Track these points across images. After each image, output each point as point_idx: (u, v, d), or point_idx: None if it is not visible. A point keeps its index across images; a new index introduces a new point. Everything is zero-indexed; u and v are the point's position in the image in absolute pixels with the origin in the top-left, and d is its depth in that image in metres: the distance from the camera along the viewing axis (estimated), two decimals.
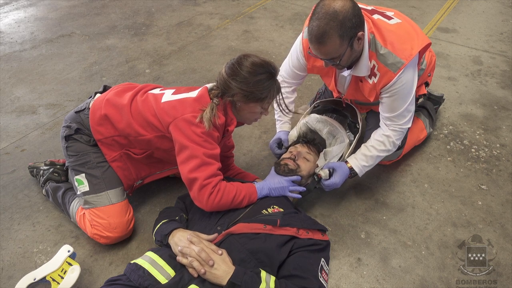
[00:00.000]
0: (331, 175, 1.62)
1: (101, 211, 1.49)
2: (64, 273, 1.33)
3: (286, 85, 1.82)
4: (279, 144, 1.83)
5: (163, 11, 3.74)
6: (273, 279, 1.19)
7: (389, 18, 1.48)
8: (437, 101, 2.19)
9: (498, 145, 2.11)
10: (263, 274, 1.19)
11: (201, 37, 3.25)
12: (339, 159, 1.70)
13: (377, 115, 1.69)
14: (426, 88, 1.88)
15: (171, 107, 1.37)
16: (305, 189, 1.60)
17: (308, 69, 1.70)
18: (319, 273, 1.28)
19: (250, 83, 1.34)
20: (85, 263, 1.50)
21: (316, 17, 1.29)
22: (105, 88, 1.62)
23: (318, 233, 1.39)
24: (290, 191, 1.53)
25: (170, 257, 1.24)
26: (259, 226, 1.29)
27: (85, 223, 1.53)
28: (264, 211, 1.40)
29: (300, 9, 3.75)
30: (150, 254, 1.24)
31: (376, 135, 1.64)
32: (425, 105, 2.11)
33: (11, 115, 2.34)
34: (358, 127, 1.78)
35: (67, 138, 1.52)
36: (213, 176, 1.36)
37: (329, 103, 1.92)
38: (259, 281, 1.15)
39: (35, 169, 1.82)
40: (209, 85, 1.46)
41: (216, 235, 1.30)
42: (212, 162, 1.36)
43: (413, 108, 1.58)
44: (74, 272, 1.33)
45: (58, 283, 1.31)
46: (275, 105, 1.51)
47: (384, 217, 1.71)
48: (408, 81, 1.46)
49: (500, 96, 2.51)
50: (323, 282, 1.28)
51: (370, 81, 1.50)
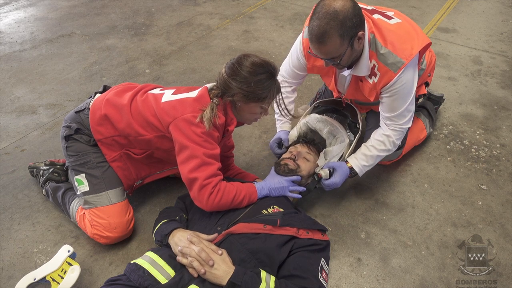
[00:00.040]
0: (331, 174, 1.62)
1: (101, 211, 1.49)
2: (64, 273, 1.32)
3: (286, 85, 1.82)
4: (279, 143, 1.83)
5: (163, 11, 3.74)
6: (273, 279, 1.19)
7: (389, 18, 1.48)
8: (437, 101, 2.19)
9: (498, 145, 2.11)
10: (263, 274, 1.19)
11: (201, 37, 3.25)
12: (339, 159, 1.70)
13: (377, 115, 1.69)
14: (426, 88, 1.88)
15: (171, 107, 1.37)
16: (305, 189, 1.60)
17: (308, 68, 1.70)
18: (319, 273, 1.28)
19: (250, 83, 1.34)
20: (85, 263, 1.50)
21: (316, 17, 1.29)
22: (105, 88, 1.62)
23: (318, 233, 1.39)
24: (290, 191, 1.53)
25: (170, 257, 1.24)
26: (259, 226, 1.29)
27: (85, 223, 1.53)
28: (264, 211, 1.40)
29: (300, 9, 3.75)
30: (150, 254, 1.24)
31: (376, 135, 1.64)
32: (425, 105, 2.11)
33: (11, 115, 2.34)
34: (358, 127, 1.78)
35: (67, 138, 1.52)
36: (213, 176, 1.36)
37: (330, 103, 1.92)
38: (259, 281, 1.15)
39: (35, 169, 1.82)
40: (209, 85, 1.46)
41: (216, 235, 1.30)
42: (212, 162, 1.36)
43: (413, 107, 1.58)
44: (74, 272, 1.33)
45: (58, 283, 1.31)
46: (275, 105, 1.51)
47: (384, 217, 1.71)
48: (408, 80, 1.46)
49: (500, 96, 2.51)
50: (323, 282, 1.28)
51: (370, 81, 1.50)
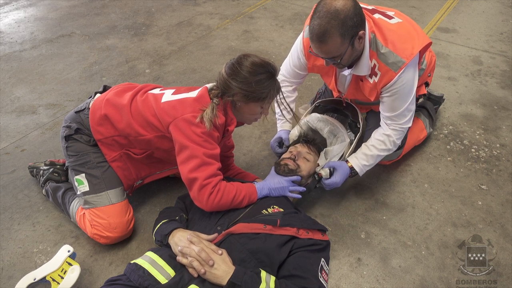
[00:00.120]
0: (331, 174, 1.62)
1: (101, 211, 1.49)
2: (64, 273, 1.32)
3: (287, 84, 1.82)
4: (280, 143, 1.83)
5: (163, 11, 3.74)
6: (273, 279, 1.19)
7: (389, 17, 1.48)
8: (437, 101, 2.19)
9: (498, 145, 2.11)
10: (263, 274, 1.19)
11: (201, 37, 3.25)
12: (340, 158, 1.70)
13: (377, 115, 1.69)
14: (426, 88, 1.88)
15: (171, 107, 1.37)
16: (305, 189, 1.60)
17: (308, 68, 1.70)
18: (319, 273, 1.28)
19: (250, 83, 1.34)
20: (85, 263, 1.50)
21: (317, 16, 1.29)
22: (105, 88, 1.62)
23: (318, 233, 1.38)
24: (290, 191, 1.53)
25: (170, 257, 1.23)
26: (259, 226, 1.29)
27: (85, 223, 1.53)
28: (264, 211, 1.40)
29: (300, 9, 3.75)
30: (150, 254, 1.24)
31: (376, 135, 1.64)
32: (425, 105, 2.11)
33: (11, 115, 2.34)
34: (358, 126, 1.78)
35: (67, 138, 1.52)
36: (213, 176, 1.36)
37: (330, 102, 1.92)
38: (259, 281, 1.15)
39: (35, 169, 1.82)
40: (209, 85, 1.46)
41: (216, 235, 1.30)
42: (212, 162, 1.36)
43: (413, 107, 1.58)
44: (74, 272, 1.33)
45: (58, 283, 1.30)
46: (276, 105, 1.51)
47: (384, 217, 1.71)
48: (408, 80, 1.46)
49: (500, 96, 2.51)
50: (323, 282, 1.28)
51: (370, 81, 1.50)
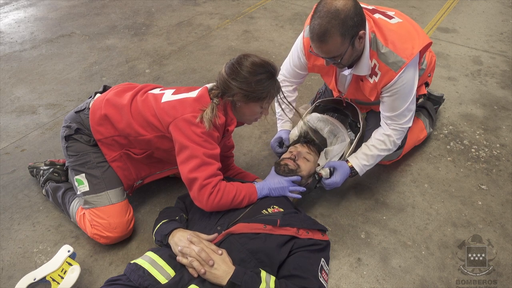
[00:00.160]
0: (331, 174, 1.62)
1: (101, 211, 1.49)
2: (64, 273, 1.32)
3: (287, 84, 1.82)
4: (280, 143, 1.83)
5: (163, 11, 3.74)
6: (273, 279, 1.19)
7: (390, 17, 1.48)
8: (437, 101, 2.19)
9: (498, 145, 2.11)
10: (263, 274, 1.19)
11: (201, 37, 3.25)
12: (340, 158, 1.70)
13: (377, 115, 1.69)
14: (426, 88, 1.88)
15: (171, 107, 1.37)
16: (305, 189, 1.60)
17: (308, 68, 1.70)
18: (319, 273, 1.28)
19: (250, 83, 1.34)
20: (85, 263, 1.50)
21: (317, 16, 1.29)
22: (105, 88, 1.62)
23: (318, 233, 1.38)
24: (290, 191, 1.53)
25: (170, 257, 1.23)
26: (259, 226, 1.28)
27: (85, 223, 1.53)
28: (264, 211, 1.40)
29: (300, 9, 3.75)
30: (150, 254, 1.24)
31: (377, 134, 1.64)
32: (425, 105, 2.11)
33: (11, 115, 2.34)
34: (359, 126, 1.78)
35: (67, 138, 1.52)
36: (213, 176, 1.36)
37: (330, 102, 1.92)
38: (259, 281, 1.15)
39: (35, 169, 1.82)
40: (209, 85, 1.46)
41: (216, 235, 1.30)
42: (212, 162, 1.36)
43: (413, 107, 1.58)
44: (74, 272, 1.33)
45: (58, 283, 1.30)
46: (276, 104, 1.51)
47: (384, 217, 1.71)
48: (409, 80, 1.46)
49: (500, 96, 2.51)
50: (323, 282, 1.28)
51: (371, 80, 1.50)
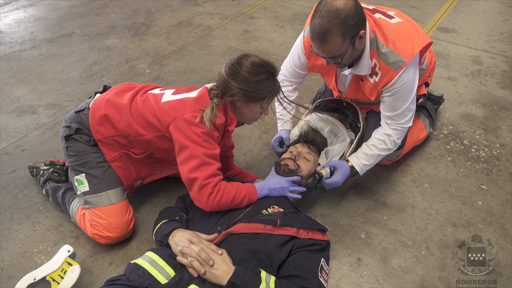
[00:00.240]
0: (332, 173, 1.62)
1: (101, 211, 1.49)
2: (64, 273, 1.32)
3: (287, 84, 1.82)
4: (281, 143, 1.83)
5: (163, 11, 3.74)
6: (273, 279, 1.19)
7: (390, 17, 1.48)
8: (437, 101, 2.19)
9: (498, 145, 2.11)
10: (263, 274, 1.19)
11: (201, 37, 3.25)
12: (340, 158, 1.70)
13: (377, 115, 1.69)
14: (426, 88, 1.88)
15: (171, 107, 1.37)
16: (305, 189, 1.60)
17: (309, 67, 1.70)
18: (319, 273, 1.28)
19: (250, 83, 1.34)
20: (85, 263, 1.50)
21: (318, 15, 1.29)
22: (105, 88, 1.62)
23: (318, 233, 1.38)
24: (290, 192, 1.53)
25: (170, 257, 1.23)
26: (259, 226, 1.28)
27: (85, 223, 1.53)
28: (264, 211, 1.40)
29: (300, 9, 3.75)
30: (150, 254, 1.24)
31: (377, 134, 1.64)
32: (425, 105, 2.11)
33: (11, 115, 2.34)
34: (359, 126, 1.78)
35: (67, 138, 1.52)
36: (213, 176, 1.36)
37: (331, 102, 1.92)
38: (259, 281, 1.15)
39: (35, 169, 1.82)
40: (209, 85, 1.46)
41: (216, 235, 1.30)
42: (212, 162, 1.36)
43: (414, 107, 1.58)
44: (74, 272, 1.33)
45: (58, 283, 1.30)
46: (277, 104, 1.51)
47: (384, 217, 1.71)
48: (409, 80, 1.46)
49: (500, 96, 2.51)
50: (323, 282, 1.28)
51: (371, 80, 1.50)
